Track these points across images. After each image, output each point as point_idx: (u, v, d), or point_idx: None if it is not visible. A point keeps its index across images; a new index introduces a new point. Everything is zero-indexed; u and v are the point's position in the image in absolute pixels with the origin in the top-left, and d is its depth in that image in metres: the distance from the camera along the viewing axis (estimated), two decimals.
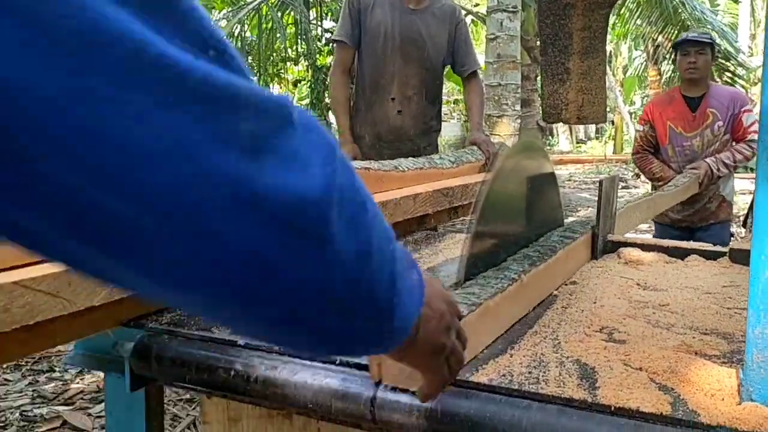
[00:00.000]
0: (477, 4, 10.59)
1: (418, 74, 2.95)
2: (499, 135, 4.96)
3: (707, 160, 3.18)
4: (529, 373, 0.89)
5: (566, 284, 1.29)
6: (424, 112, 3.02)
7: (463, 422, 0.83)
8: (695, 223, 3.32)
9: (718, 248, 1.56)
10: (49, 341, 0.97)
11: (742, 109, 3.27)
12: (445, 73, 3.14)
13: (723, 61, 9.87)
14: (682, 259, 1.53)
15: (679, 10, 9.49)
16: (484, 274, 1.09)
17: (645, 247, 1.58)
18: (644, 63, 15.41)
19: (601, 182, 1.52)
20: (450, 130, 17.15)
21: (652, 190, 3.53)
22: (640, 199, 2.14)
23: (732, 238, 3.66)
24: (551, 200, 1.52)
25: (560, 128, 19.23)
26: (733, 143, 3.29)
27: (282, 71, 10.86)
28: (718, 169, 3.18)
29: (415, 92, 2.96)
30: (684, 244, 1.63)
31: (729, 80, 9.98)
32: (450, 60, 3.04)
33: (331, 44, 9.31)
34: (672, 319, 1.10)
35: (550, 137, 20.73)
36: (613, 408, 0.79)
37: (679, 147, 3.33)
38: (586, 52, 1.56)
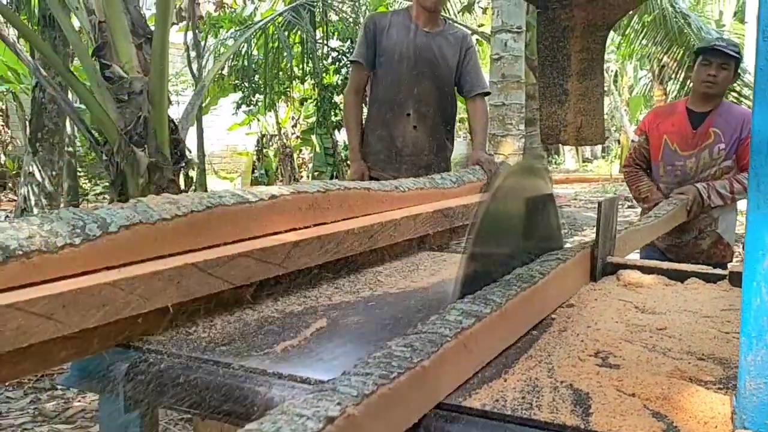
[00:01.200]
0: (481, 25, 10.65)
1: (432, 92, 3.06)
2: (503, 154, 4.97)
3: (698, 185, 2.79)
4: (523, 398, 0.88)
5: (563, 307, 1.29)
6: (439, 128, 3.11)
7: None
8: (682, 259, 2.77)
9: (719, 271, 1.55)
10: (43, 363, 0.98)
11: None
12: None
13: None
14: (682, 282, 1.52)
15: (685, 31, 9.51)
16: (464, 300, 1.07)
17: (645, 269, 1.57)
18: (650, 83, 15.42)
19: (600, 204, 1.52)
20: (456, 149, 17.17)
21: (641, 213, 3.07)
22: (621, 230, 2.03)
23: None
24: (550, 221, 1.52)
25: (566, 147, 19.23)
26: (738, 172, 2.85)
27: (288, 90, 10.92)
28: (709, 197, 2.78)
29: (429, 109, 3.06)
30: (684, 266, 1.61)
31: (734, 100, 9.97)
32: (457, 82, 3.12)
33: (336, 63, 9.37)
34: (669, 344, 1.09)
35: (556, 156, 20.74)
36: None
37: (670, 166, 2.93)
38: (584, 73, 1.57)
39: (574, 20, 1.55)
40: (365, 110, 3.23)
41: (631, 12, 7.47)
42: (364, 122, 3.17)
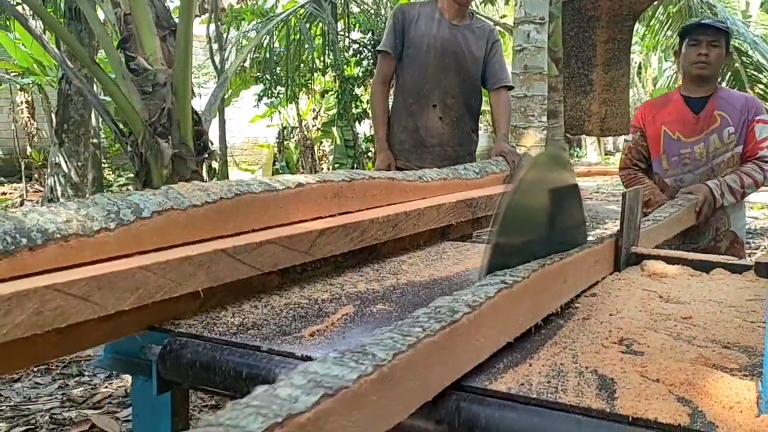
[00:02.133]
0: (504, 16, 10.59)
1: (458, 84, 3.07)
2: (525, 146, 4.95)
3: (709, 183, 2.53)
4: (548, 382, 0.89)
5: (587, 296, 1.29)
6: (464, 120, 3.12)
7: (481, 430, 0.84)
8: None
9: (744, 262, 1.54)
10: (80, 344, 1.01)
11: (756, 118, 2.59)
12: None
13: (755, 73, 9.71)
14: (707, 273, 1.52)
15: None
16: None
17: (669, 259, 1.57)
18: (674, 74, 15.23)
19: (624, 194, 1.52)
20: (483, 141, 17.13)
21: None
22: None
23: None
24: (574, 213, 1.52)
25: (588, 140, 19.07)
26: (742, 163, 2.61)
27: (310, 82, 10.95)
28: (722, 195, 2.51)
29: (455, 101, 3.07)
30: (710, 257, 1.61)
31: (761, 93, 9.81)
32: (482, 74, 3.13)
33: (357, 55, 9.37)
34: (694, 332, 1.09)
35: (577, 149, 20.56)
36: (630, 418, 0.79)
37: (675, 157, 2.66)
38: (609, 63, 1.57)
39: (600, 10, 1.56)
40: (392, 100, 3.26)
41: (656, 2, 7.37)
42: (390, 112, 3.19)
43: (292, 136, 12.98)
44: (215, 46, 8.11)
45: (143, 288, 1.02)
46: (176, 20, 4.75)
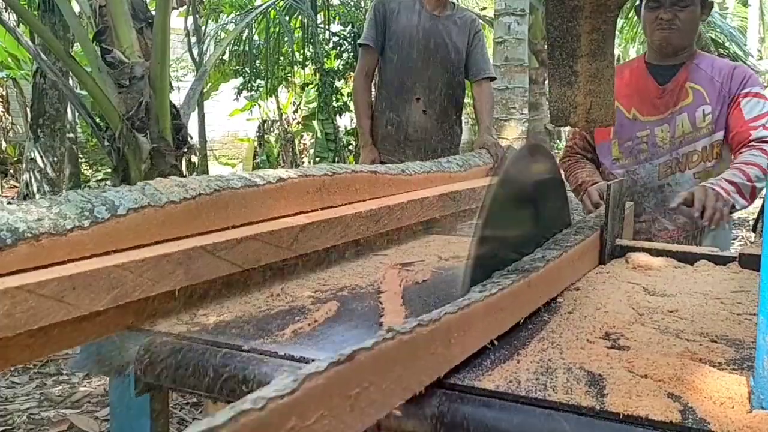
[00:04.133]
0: (484, 8, 10.58)
1: (441, 76, 3.06)
2: (506, 138, 4.95)
3: (705, 184, 1.85)
4: (537, 379, 0.87)
5: (571, 290, 1.28)
6: (447, 112, 3.10)
7: (469, 429, 0.82)
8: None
9: (728, 253, 1.54)
10: (54, 346, 0.97)
11: (743, 91, 1.98)
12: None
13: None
14: (691, 264, 1.51)
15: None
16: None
17: (654, 251, 1.56)
18: None
19: (609, 185, 1.51)
20: (466, 134, 17.22)
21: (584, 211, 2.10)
22: None
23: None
24: (558, 204, 1.51)
25: (569, 132, 19.15)
26: (734, 154, 2.00)
27: (290, 75, 10.87)
28: (728, 193, 1.82)
29: (438, 93, 3.06)
30: (694, 249, 1.61)
31: None
32: (464, 65, 3.11)
33: (338, 48, 9.31)
34: (681, 325, 1.08)
35: (558, 141, 20.67)
36: (621, 416, 0.78)
37: (629, 141, 2.11)
38: (594, 54, 1.55)
39: (584, 0, 1.53)
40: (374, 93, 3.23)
41: None
42: (373, 106, 3.17)
43: (272, 129, 12.90)
44: (193, 39, 8.00)
45: (119, 287, 0.99)
46: (153, 12, 4.68)
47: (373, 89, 3.26)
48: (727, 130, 2.02)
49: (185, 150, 5.00)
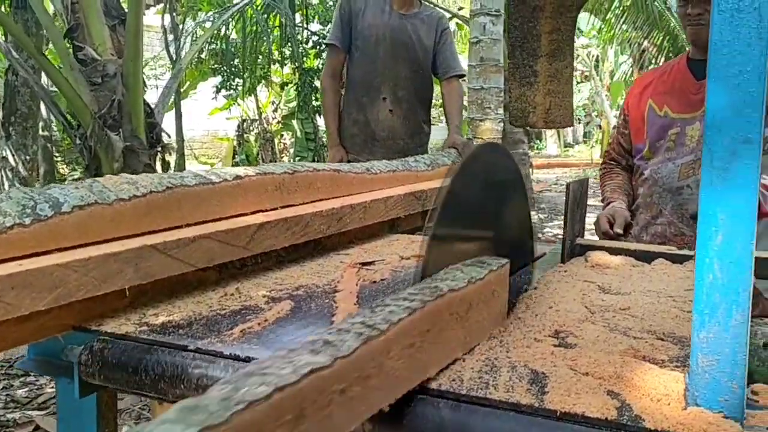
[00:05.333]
0: (461, 8, 10.61)
1: (408, 75, 3.04)
2: (481, 138, 4.96)
3: None
4: (480, 378, 0.87)
5: (527, 288, 1.28)
6: (415, 112, 3.09)
7: (410, 428, 0.82)
8: None
9: (685, 252, 1.55)
10: None
11: None
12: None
13: None
14: (649, 263, 1.52)
15: (665, 15, 9.54)
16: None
17: (613, 250, 1.57)
18: (630, 68, 15.48)
19: (569, 185, 1.51)
20: (439, 134, 17.27)
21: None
22: None
23: None
24: (519, 204, 1.51)
25: (548, 132, 19.29)
26: None
27: (269, 74, 10.82)
28: None
29: (406, 92, 3.04)
30: (652, 247, 1.62)
31: None
32: (433, 63, 3.10)
33: (317, 47, 9.29)
34: (630, 323, 1.09)
35: (537, 141, 20.80)
36: (559, 413, 0.78)
37: (661, 140, 2.05)
38: (554, 54, 1.56)
39: (544, 0, 1.54)
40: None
41: None
42: (341, 105, 3.16)
43: (251, 129, 12.83)
44: (171, 37, 7.94)
45: (62, 287, 0.97)
46: (126, 9, 4.63)
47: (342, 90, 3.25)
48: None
49: (159, 148, 4.95)
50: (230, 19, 7.56)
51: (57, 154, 10.15)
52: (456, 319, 0.90)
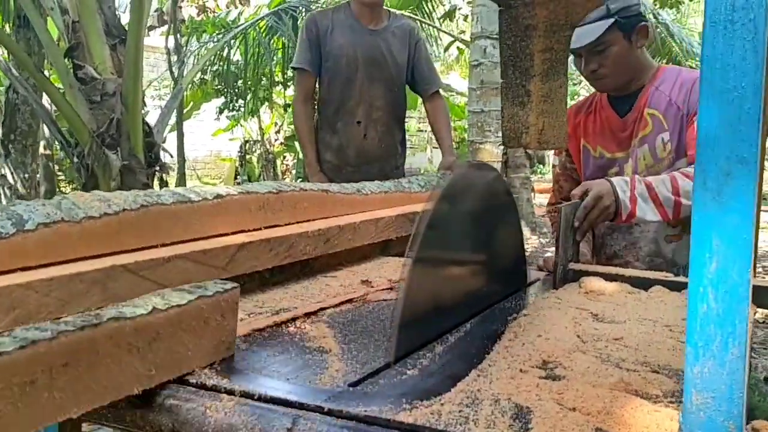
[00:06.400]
0: (462, 32, 10.65)
1: (383, 95, 2.92)
2: (482, 162, 4.93)
3: (614, 179, 1.67)
4: (460, 411, 0.82)
5: (517, 316, 1.23)
6: (391, 133, 2.99)
7: None
8: None
9: (684, 279, 1.50)
10: None
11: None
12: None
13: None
14: (646, 290, 1.46)
15: (667, 41, 9.56)
16: None
17: (608, 276, 1.52)
18: None
19: (560, 208, 1.47)
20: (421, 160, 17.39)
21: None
22: None
23: None
24: (509, 228, 1.46)
25: (551, 156, 19.27)
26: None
27: (272, 95, 10.85)
28: (634, 200, 1.64)
29: (381, 113, 2.93)
30: (649, 274, 1.56)
31: None
32: (411, 79, 3.00)
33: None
34: (624, 354, 1.03)
35: (540, 165, 20.77)
36: None
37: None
38: (547, 74, 1.52)
39: (537, 19, 1.50)
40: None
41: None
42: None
43: (254, 149, 12.86)
44: (174, 58, 7.97)
45: (20, 308, 0.92)
46: (127, 28, 4.64)
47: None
48: (687, 146, 1.79)
49: (157, 168, 4.93)
50: (233, 41, 7.59)
51: (59, 173, 10.15)
52: (131, 351, 0.83)
